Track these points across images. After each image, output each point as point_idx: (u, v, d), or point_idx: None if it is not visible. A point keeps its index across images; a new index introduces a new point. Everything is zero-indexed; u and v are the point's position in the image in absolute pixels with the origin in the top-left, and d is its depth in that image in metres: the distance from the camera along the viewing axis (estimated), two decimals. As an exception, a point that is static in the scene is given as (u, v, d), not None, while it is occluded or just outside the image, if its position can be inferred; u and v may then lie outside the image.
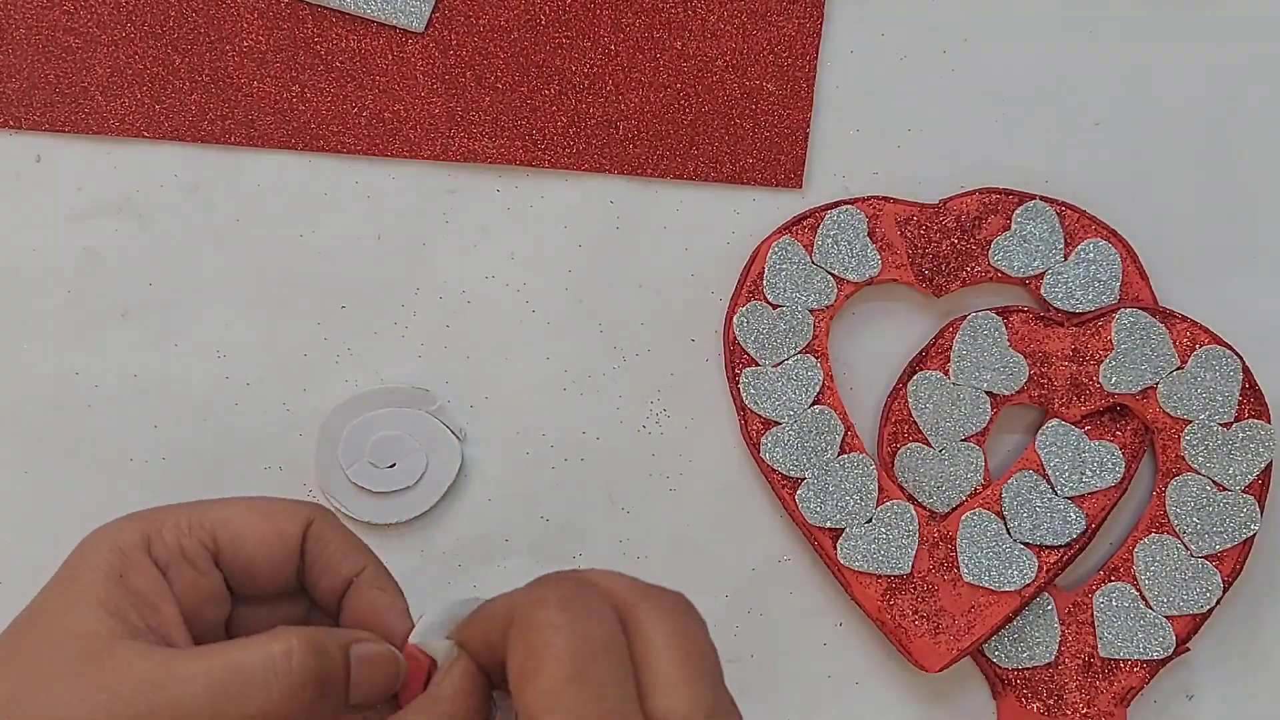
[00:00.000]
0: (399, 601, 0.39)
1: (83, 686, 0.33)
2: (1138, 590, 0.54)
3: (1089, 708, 0.54)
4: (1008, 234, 0.55)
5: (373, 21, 0.56)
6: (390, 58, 0.56)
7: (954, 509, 0.54)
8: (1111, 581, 0.54)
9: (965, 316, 0.54)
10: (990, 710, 0.55)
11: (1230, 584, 0.54)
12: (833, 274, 0.55)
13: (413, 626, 0.38)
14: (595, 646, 0.32)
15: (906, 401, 0.54)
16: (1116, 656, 0.54)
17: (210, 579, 0.38)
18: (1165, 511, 0.54)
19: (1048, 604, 0.54)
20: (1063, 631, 0.54)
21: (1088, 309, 0.54)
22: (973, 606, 0.53)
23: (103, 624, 0.35)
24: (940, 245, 0.55)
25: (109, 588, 0.35)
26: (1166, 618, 0.54)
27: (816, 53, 0.56)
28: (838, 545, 0.54)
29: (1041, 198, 0.55)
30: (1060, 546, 0.53)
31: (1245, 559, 0.54)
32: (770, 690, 0.56)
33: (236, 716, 0.34)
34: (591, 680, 0.31)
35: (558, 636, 0.32)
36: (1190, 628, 0.54)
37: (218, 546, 0.38)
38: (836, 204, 0.55)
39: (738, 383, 0.55)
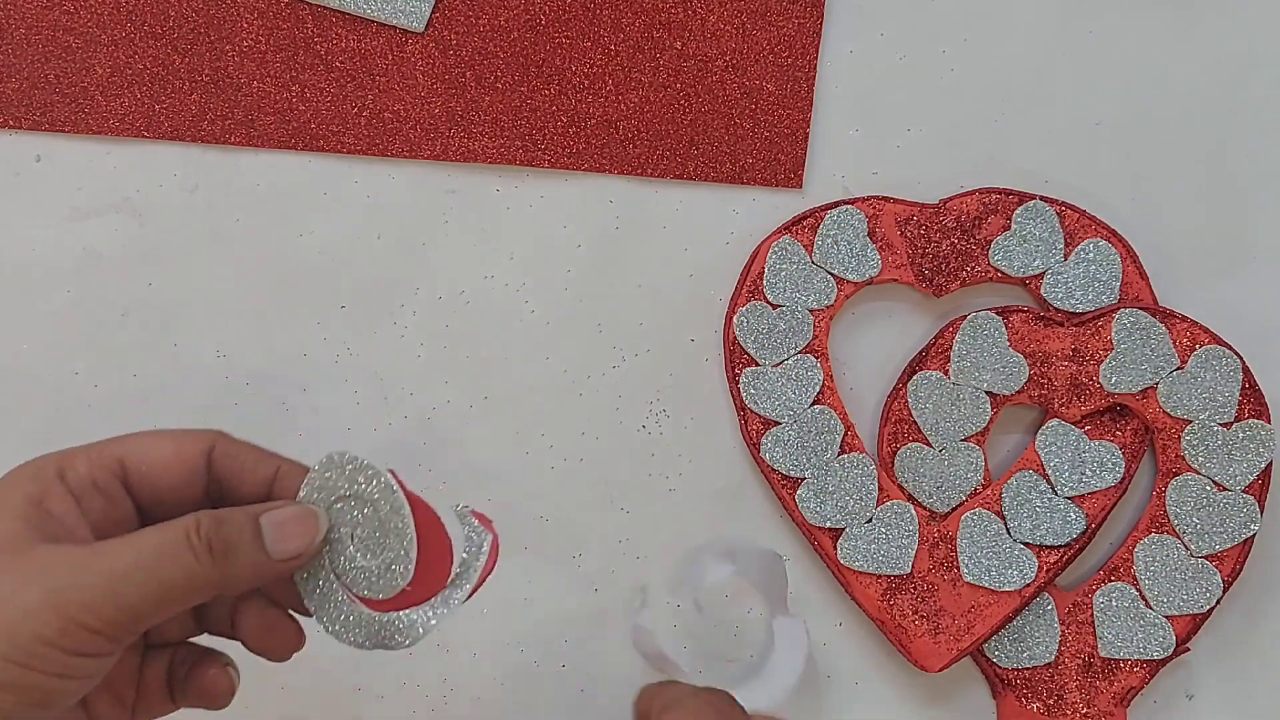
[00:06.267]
0: None
1: (12, 579, 0.36)
2: (1138, 590, 0.54)
3: (1089, 708, 0.54)
4: (1008, 234, 0.55)
5: (373, 21, 0.56)
6: (390, 58, 0.56)
7: (954, 509, 0.54)
8: (1111, 581, 0.54)
9: (965, 316, 0.54)
10: (990, 710, 0.55)
11: (1230, 584, 0.54)
12: (833, 274, 0.55)
13: None
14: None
15: (906, 401, 0.54)
16: (1116, 656, 0.54)
17: (121, 506, 0.40)
18: (1165, 511, 0.54)
19: (1048, 604, 0.54)
20: (1063, 631, 0.54)
21: (1088, 309, 0.54)
22: (973, 606, 0.53)
23: (24, 531, 0.37)
24: (940, 245, 0.55)
25: (29, 509, 0.38)
26: (1166, 618, 0.54)
27: (816, 53, 0.56)
28: (838, 545, 0.54)
29: (1041, 198, 0.55)
30: (1060, 546, 0.53)
31: (1245, 559, 0.54)
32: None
33: (161, 581, 0.37)
34: None
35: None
36: (1190, 628, 0.54)
37: (126, 473, 0.40)
38: (836, 204, 0.55)
39: (738, 383, 0.55)
